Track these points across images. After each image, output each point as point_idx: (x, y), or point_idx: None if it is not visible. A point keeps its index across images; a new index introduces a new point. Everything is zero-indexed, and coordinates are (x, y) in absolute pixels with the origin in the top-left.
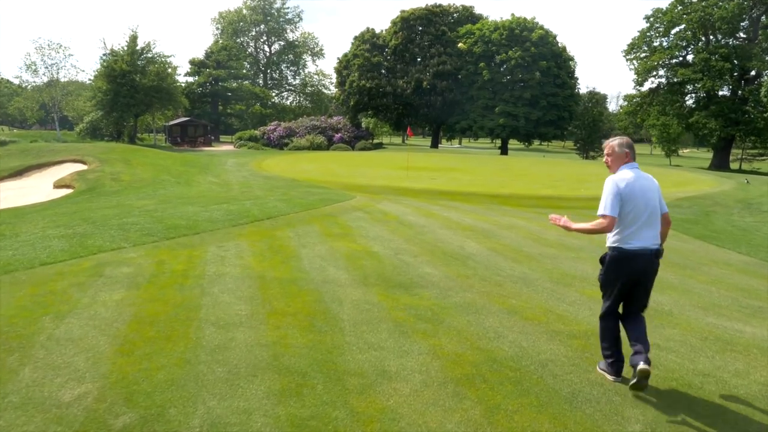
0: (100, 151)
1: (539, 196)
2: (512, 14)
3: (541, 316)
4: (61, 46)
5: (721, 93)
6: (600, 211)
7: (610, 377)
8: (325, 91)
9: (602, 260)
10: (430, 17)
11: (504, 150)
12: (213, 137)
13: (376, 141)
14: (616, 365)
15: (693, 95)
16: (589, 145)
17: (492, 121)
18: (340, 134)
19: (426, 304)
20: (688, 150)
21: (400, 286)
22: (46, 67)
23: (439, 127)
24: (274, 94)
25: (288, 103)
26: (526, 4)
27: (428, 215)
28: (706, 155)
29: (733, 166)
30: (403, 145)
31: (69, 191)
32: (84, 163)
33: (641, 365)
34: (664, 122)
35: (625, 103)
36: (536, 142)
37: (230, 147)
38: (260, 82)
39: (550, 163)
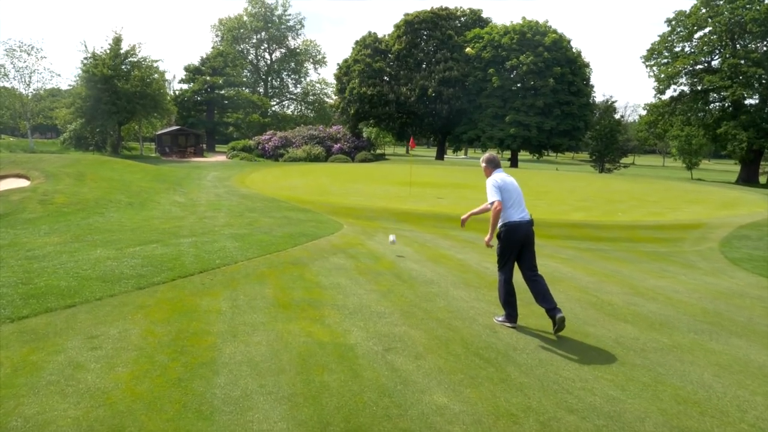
0: (60, 164)
1: (570, 223)
2: (523, 17)
3: None
4: (33, 48)
5: (748, 102)
6: (491, 199)
7: (509, 324)
8: (328, 100)
9: (499, 236)
10: (435, 21)
11: (514, 162)
12: (206, 147)
13: (378, 152)
14: (513, 315)
15: (718, 104)
16: (605, 157)
17: (502, 131)
18: (339, 144)
19: None
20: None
21: None
22: (17, 71)
23: (444, 137)
24: (274, 102)
25: (289, 112)
26: (534, 8)
27: (437, 259)
28: (722, 167)
29: (760, 180)
30: (406, 157)
31: None
32: (27, 178)
33: (559, 315)
34: (688, 133)
35: (645, 112)
36: (545, 154)
37: (223, 157)
38: (261, 90)
39: (569, 178)
